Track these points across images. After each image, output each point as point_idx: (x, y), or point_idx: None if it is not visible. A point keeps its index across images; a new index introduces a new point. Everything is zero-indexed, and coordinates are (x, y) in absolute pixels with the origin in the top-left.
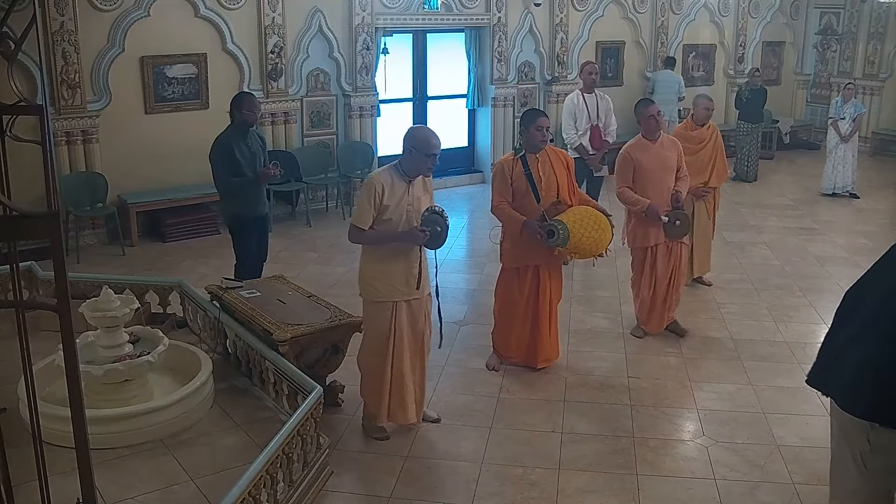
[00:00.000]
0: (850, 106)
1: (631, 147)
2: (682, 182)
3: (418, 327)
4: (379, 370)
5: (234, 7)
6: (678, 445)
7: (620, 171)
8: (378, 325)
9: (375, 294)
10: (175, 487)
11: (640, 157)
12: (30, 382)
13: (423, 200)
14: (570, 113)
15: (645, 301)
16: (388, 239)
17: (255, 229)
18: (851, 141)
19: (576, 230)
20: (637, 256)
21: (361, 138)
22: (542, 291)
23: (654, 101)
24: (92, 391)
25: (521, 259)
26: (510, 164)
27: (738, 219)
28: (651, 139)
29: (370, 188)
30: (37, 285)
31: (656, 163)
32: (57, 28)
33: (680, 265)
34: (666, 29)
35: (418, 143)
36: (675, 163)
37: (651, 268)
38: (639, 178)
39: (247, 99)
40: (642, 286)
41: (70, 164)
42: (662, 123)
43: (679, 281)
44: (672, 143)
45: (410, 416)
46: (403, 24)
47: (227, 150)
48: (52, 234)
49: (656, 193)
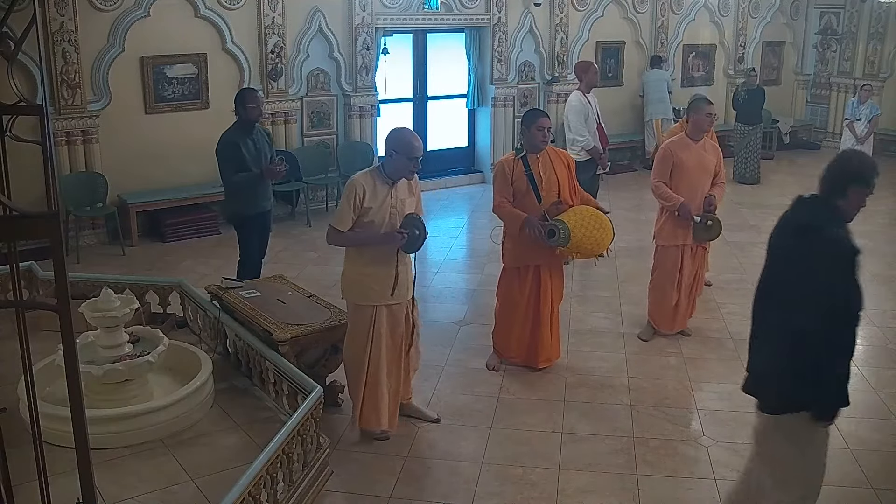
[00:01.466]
0: (867, 107)
1: (673, 143)
2: (718, 188)
3: (398, 332)
4: (357, 372)
5: (234, 7)
6: (678, 445)
7: (659, 166)
8: (359, 327)
9: (356, 297)
10: (175, 487)
11: (681, 155)
12: (30, 382)
13: (407, 203)
14: (582, 115)
15: (669, 302)
16: (365, 241)
17: (256, 225)
18: (867, 143)
19: (577, 230)
20: (662, 255)
21: (361, 138)
22: (543, 291)
23: (711, 102)
24: (92, 391)
25: (522, 259)
26: (511, 164)
27: (738, 219)
28: (695, 139)
29: (351, 190)
30: (37, 285)
31: (694, 163)
32: (57, 28)
33: (702, 268)
34: (666, 29)
35: (400, 146)
36: (713, 167)
37: (678, 269)
38: (675, 176)
39: (249, 95)
40: (666, 287)
41: (70, 164)
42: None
43: (700, 284)
44: (713, 148)
45: (383, 422)
46: (403, 24)
47: (233, 147)
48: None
49: (690, 193)
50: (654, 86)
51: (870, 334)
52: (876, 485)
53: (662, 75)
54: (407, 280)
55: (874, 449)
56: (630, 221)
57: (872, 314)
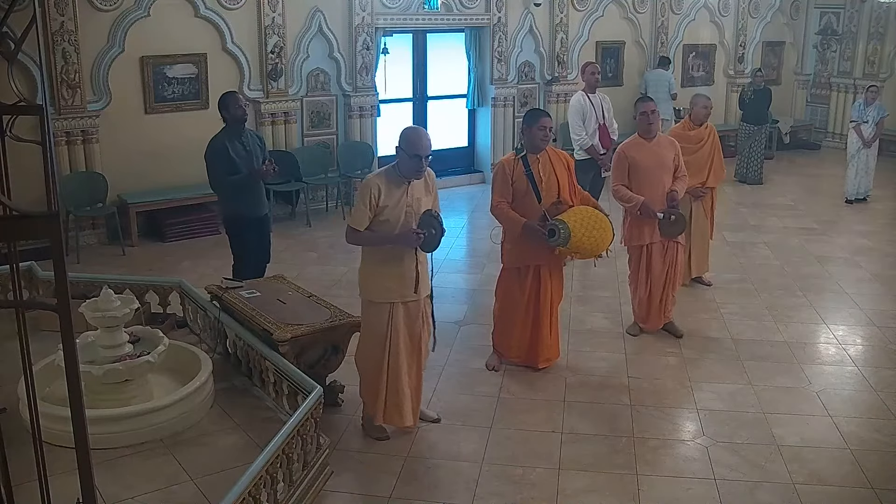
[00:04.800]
0: (874, 109)
1: (626, 145)
2: (680, 182)
3: (415, 329)
4: (375, 371)
5: (234, 7)
6: (678, 445)
7: (616, 170)
8: (375, 325)
9: (373, 295)
10: (175, 487)
11: (635, 156)
12: (30, 382)
13: (423, 202)
14: (579, 114)
15: (642, 300)
16: (383, 241)
17: (252, 230)
18: (873, 146)
19: (577, 230)
20: (633, 255)
21: (361, 138)
22: (542, 292)
23: (651, 99)
24: (92, 391)
25: (521, 259)
26: (511, 165)
27: (738, 219)
28: (646, 137)
29: (366, 190)
30: (37, 285)
31: (652, 161)
32: (57, 28)
33: (675, 265)
34: (666, 29)
35: (406, 143)
36: (671, 162)
37: (647, 267)
38: (634, 177)
39: (230, 98)
40: (639, 285)
41: (70, 164)
42: (657, 122)
43: (675, 281)
44: (670, 143)
45: (406, 420)
46: (403, 24)
47: (221, 149)
48: (52, 234)
49: (652, 192)
50: (654, 86)
51: (870, 334)
52: (876, 485)
53: (664, 76)
54: (425, 277)
55: (874, 449)
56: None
57: (872, 314)
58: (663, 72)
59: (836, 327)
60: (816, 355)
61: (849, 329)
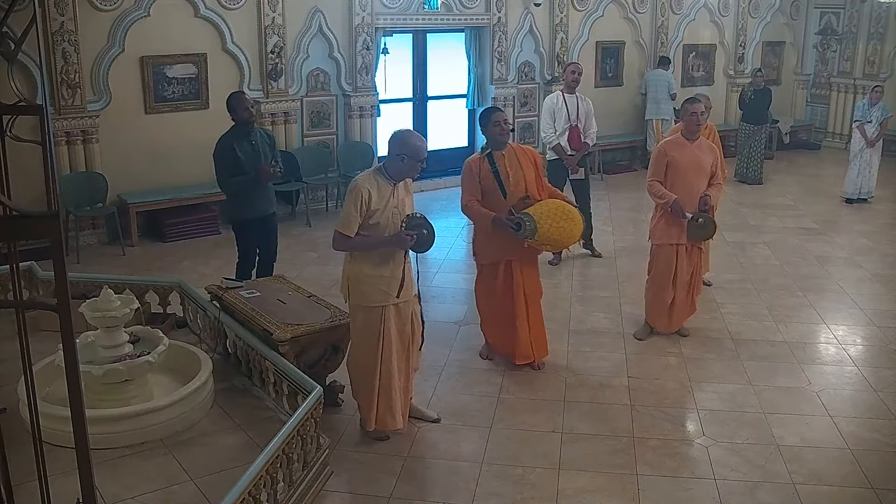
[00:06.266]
0: (878, 109)
1: (667, 143)
2: (715, 188)
3: (406, 330)
4: (369, 376)
5: (234, 7)
6: (678, 445)
7: (653, 165)
8: (368, 330)
9: (365, 300)
10: (175, 487)
11: (675, 154)
12: (30, 382)
13: (406, 202)
14: (549, 112)
15: (665, 301)
16: (376, 244)
17: (257, 229)
18: (877, 146)
19: (543, 221)
20: (657, 255)
21: (361, 138)
22: (515, 287)
23: (700, 100)
24: (92, 391)
25: (493, 255)
26: (477, 163)
27: (739, 219)
28: (690, 138)
29: (356, 194)
30: (37, 285)
31: (690, 162)
32: (57, 28)
33: (699, 268)
34: (666, 29)
35: (407, 148)
36: (709, 167)
37: (673, 267)
38: (670, 175)
39: (236, 99)
40: (662, 285)
41: (70, 164)
42: (704, 122)
43: (698, 284)
44: (710, 148)
45: (399, 422)
46: (403, 24)
47: (228, 149)
48: (52, 234)
49: (685, 193)
50: (654, 86)
51: (870, 334)
52: (876, 485)
53: (664, 76)
54: (410, 279)
55: (874, 449)
56: (630, 221)
57: (872, 314)
58: (663, 72)
59: (836, 327)
60: (816, 355)
61: (849, 329)
